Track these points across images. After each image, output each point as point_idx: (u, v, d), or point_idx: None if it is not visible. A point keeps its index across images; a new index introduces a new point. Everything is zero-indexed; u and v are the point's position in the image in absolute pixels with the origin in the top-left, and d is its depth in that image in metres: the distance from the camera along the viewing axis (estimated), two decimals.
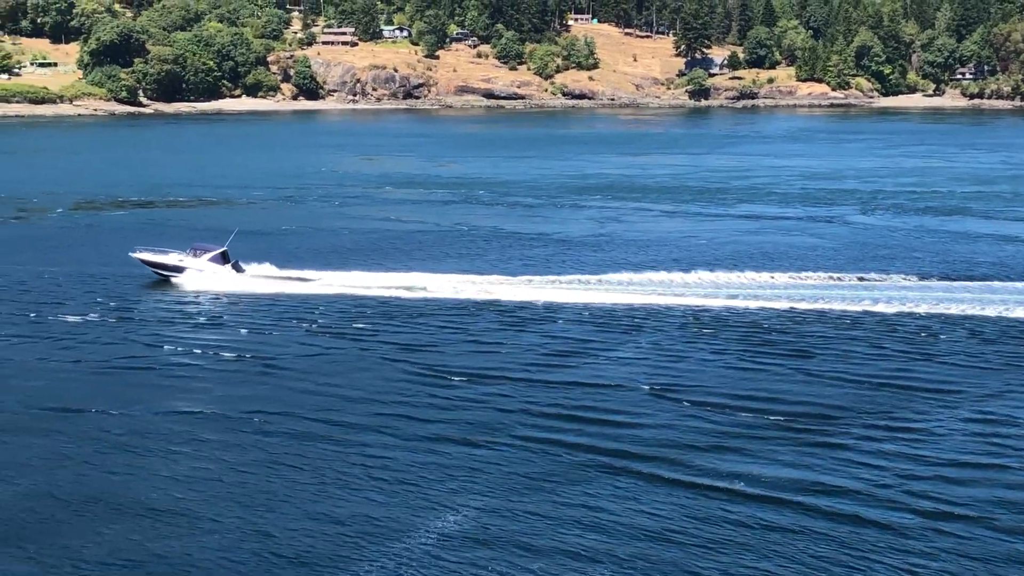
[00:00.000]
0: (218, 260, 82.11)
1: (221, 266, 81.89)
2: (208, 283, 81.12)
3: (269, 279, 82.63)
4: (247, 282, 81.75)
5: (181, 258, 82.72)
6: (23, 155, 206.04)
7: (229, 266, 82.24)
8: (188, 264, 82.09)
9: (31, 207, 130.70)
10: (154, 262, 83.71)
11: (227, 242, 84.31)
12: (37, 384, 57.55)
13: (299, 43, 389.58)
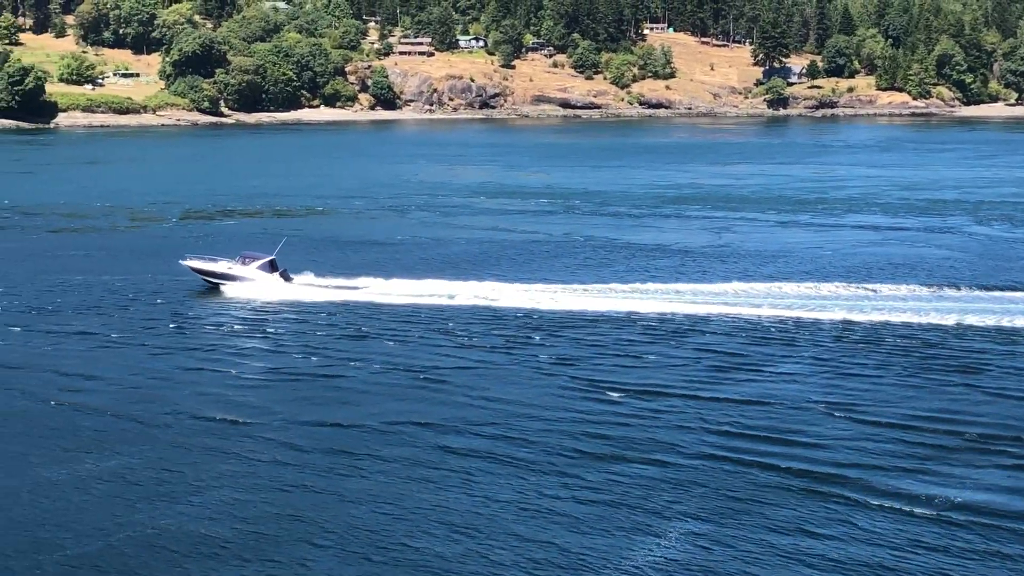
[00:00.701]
0: (266, 268, 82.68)
1: (269, 274, 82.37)
2: (257, 291, 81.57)
3: (315, 287, 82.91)
4: (295, 290, 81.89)
5: (230, 266, 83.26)
6: (122, 164, 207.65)
7: (277, 274, 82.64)
8: (237, 272, 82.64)
9: (140, 215, 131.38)
10: (203, 270, 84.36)
11: (276, 251, 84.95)
12: (190, 394, 57.10)
13: (376, 53, 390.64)
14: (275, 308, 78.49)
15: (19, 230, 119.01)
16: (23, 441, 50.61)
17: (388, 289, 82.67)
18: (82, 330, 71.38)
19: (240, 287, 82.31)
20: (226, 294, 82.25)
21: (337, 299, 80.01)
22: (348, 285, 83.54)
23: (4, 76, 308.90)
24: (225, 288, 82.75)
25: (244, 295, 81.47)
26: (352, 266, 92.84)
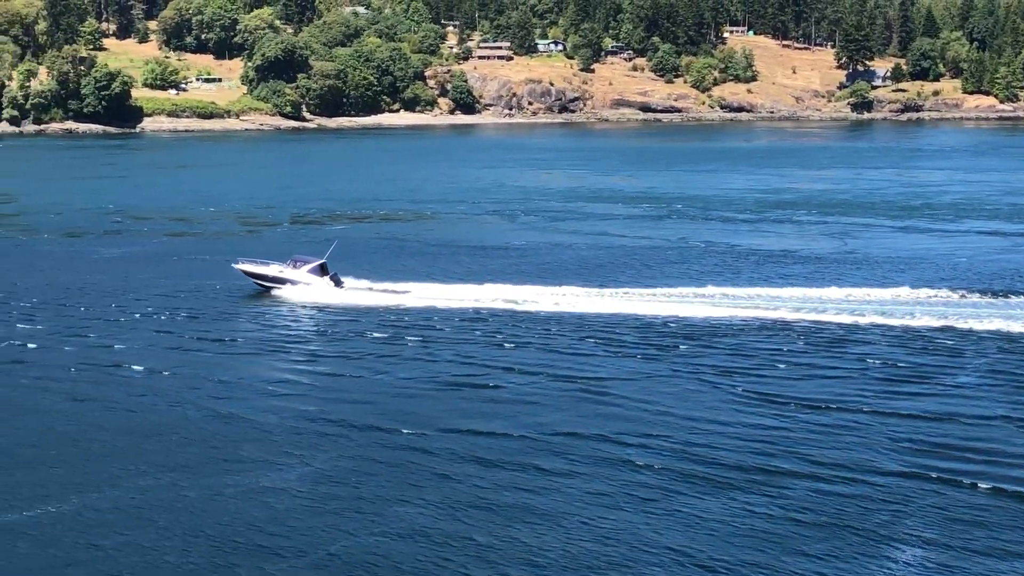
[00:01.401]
0: (317, 272, 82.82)
1: (319, 278, 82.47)
2: (307, 295, 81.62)
3: (364, 291, 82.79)
4: (346, 294, 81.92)
5: (281, 269, 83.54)
6: (212, 169, 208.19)
7: (328, 278, 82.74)
8: (288, 275, 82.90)
9: (247, 219, 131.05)
10: (255, 273, 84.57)
11: (327, 254, 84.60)
12: (341, 402, 55.79)
13: (455, 58, 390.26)
14: (374, 313, 77.46)
15: (134, 234, 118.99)
16: (199, 449, 49.60)
17: (482, 294, 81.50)
18: (203, 335, 70.66)
19: (290, 290, 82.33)
20: (277, 297, 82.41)
21: (411, 304, 79.16)
22: (400, 289, 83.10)
23: (91, 81, 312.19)
24: (276, 292, 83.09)
25: (294, 298, 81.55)
26: (440, 272, 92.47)
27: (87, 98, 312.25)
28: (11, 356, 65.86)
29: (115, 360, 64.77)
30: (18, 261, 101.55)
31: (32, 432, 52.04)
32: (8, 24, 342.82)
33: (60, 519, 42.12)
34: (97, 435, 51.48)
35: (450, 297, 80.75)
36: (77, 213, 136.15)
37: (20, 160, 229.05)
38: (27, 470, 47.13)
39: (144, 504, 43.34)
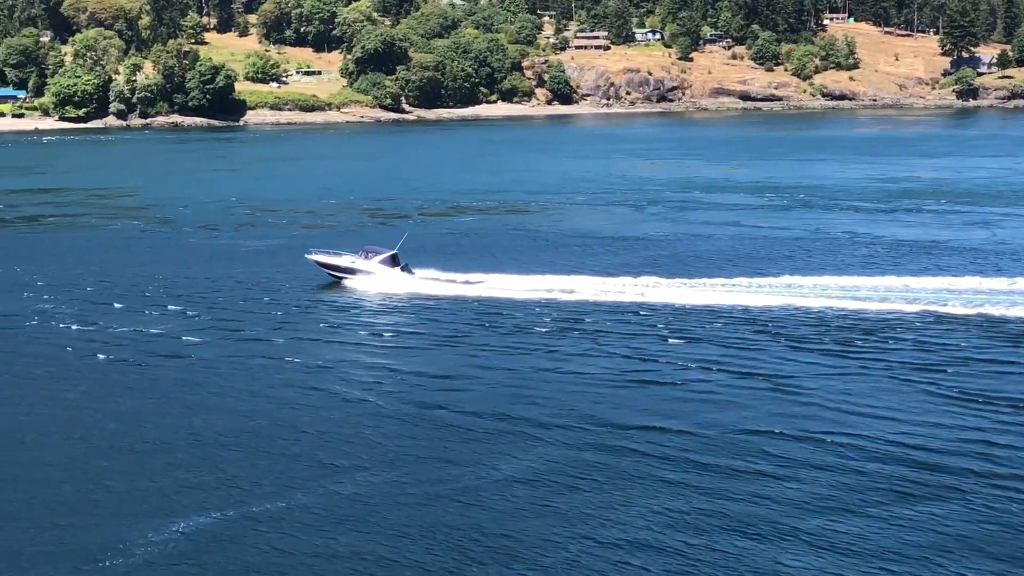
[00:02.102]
0: (388, 263, 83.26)
1: (391, 268, 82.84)
2: (379, 285, 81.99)
3: (436, 281, 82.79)
4: (417, 284, 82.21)
5: (353, 260, 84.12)
6: (322, 161, 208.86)
7: (399, 268, 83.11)
8: (359, 266, 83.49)
9: (341, 210, 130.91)
10: (327, 263, 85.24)
11: (398, 245, 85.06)
12: (529, 394, 54.77)
13: (552, 48, 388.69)
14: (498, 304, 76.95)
15: (269, 227, 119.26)
16: (399, 446, 48.97)
17: (622, 286, 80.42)
18: (351, 328, 70.15)
19: (362, 281, 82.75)
20: (348, 287, 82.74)
21: (537, 296, 78.45)
22: (524, 284, 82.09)
23: (196, 75, 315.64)
24: (347, 282, 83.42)
25: (366, 288, 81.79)
26: (553, 263, 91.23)
27: (192, 92, 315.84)
28: (187, 352, 65.96)
29: (295, 356, 64.46)
30: (181, 253, 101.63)
31: (233, 429, 51.69)
32: (112, 19, 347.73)
33: (290, 515, 41.75)
34: (293, 433, 50.97)
35: (581, 288, 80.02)
36: (204, 206, 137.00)
37: (133, 154, 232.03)
38: (237, 467, 46.81)
39: (369, 503, 42.73)
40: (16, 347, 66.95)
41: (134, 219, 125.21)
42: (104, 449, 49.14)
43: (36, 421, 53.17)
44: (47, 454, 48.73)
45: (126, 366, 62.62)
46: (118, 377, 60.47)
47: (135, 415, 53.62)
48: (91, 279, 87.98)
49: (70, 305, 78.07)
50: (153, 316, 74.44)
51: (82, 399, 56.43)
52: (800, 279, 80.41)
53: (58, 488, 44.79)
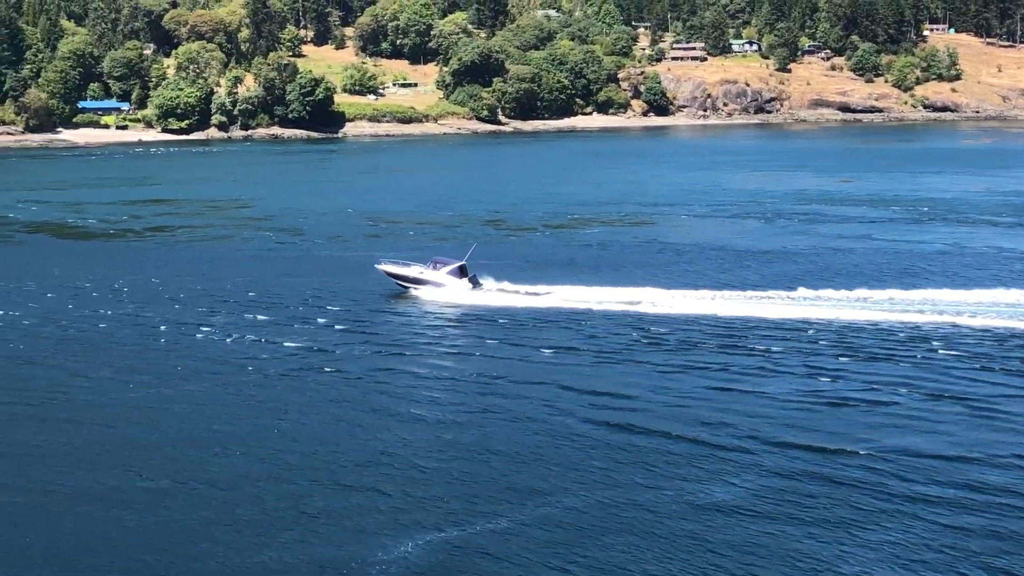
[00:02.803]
0: (456, 274, 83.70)
1: (459, 279, 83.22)
2: (446, 295, 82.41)
3: (505, 293, 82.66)
4: (485, 296, 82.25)
5: (421, 271, 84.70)
6: (428, 172, 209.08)
7: (467, 280, 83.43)
8: (427, 277, 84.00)
9: (460, 222, 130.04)
10: (396, 273, 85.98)
11: (466, 256, 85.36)
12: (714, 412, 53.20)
13: (648, 59, 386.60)
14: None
15: (395, 237, 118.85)
16: (607, 461, 47.78)
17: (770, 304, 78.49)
18: (549, 344, 68.93)
19: (430, 291, 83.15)
20: (418, 298, 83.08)
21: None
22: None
23: (296, 87, 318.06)
24: (415, 292, 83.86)
25: (434, 299, 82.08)
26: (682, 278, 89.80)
27: (292, 104, 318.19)
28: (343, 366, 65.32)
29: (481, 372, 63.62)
30: (325, 265, 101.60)
31: (424, 446, 50.85)
32: (212, 32, 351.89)
33: (512, 536, 40.80)
34: (489, 453, 49.92)
35: (733, 303, 78.57)
36: (323, 217, 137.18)
37: (239, 165, 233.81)
38: (441, 486, 45.91)
39: (586, 527, 41.58)
40: (184, 359, 66.76)
41: (262, 230, 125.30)
42: (304, 466, 48.52)
43: (227, 433, 52.74)
44: (246, 466, 48.25)
45: (298, 379, 62.10)
46: (287, 389, 59.95)
47: (324, 431, 52.97)
48: (247, 289, 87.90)
49: (230, 316, 78.03)
50: (310, 328, 74.03)
51: (259, 412, 56.01)
52: (962, 294, 77.97)
53: (282, 500, 44.21)
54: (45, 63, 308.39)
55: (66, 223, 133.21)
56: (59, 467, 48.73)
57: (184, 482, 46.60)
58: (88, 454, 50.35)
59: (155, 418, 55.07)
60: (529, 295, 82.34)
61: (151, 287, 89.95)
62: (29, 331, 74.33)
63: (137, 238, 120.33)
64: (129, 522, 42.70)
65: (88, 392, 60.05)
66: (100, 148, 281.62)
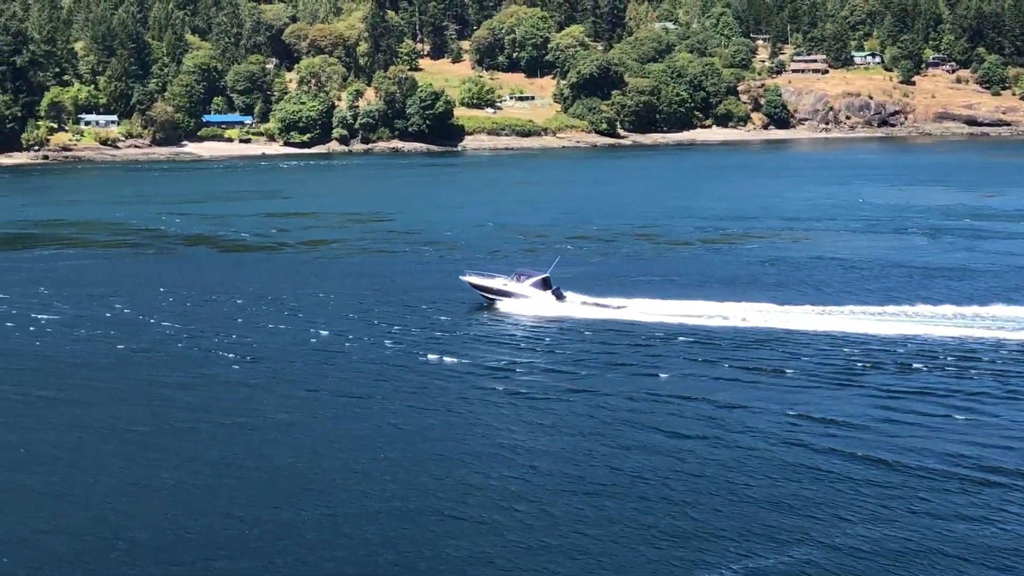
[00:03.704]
0: (539, 286, 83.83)
1: (542, 292, 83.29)
2: (530, 308, 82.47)
3: (588, 306, 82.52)
4: (568, 308, 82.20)
5: (505, 283, 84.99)
6: (560, 186, 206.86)
7: (550, 292, 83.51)
8: (511, 289, 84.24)
9: (639, 234, 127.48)
10: (480, 285, 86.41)
11: (550, 268, 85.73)
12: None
13: (768, 72, 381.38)
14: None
15: (556, 251, 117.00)
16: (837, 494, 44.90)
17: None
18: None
19: (514, 303, 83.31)
20: (501, 310, 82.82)
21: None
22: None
23: (416, 101, 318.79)
24: (499, 304, 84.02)
25: (520, 311, 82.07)
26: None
27: (412, 117, 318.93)
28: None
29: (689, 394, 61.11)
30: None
31: (663, 471, 48.49)
32: (331, 46, 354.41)
33: None
34: (738, 483, 47.43)
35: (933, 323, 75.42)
36: (469, 231, 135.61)
37: (367, 178, 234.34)
38: (704, 514, 43.51)
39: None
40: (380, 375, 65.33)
41: (415, 244, 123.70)
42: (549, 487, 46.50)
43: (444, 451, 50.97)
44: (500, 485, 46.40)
45: (513, 397, 60.21)
46: (489, 405, 58.06)
47: (566, 448, 50.96)
48: (432, 304, 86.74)
49: (416, 330, 76.56)
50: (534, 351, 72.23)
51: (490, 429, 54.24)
52: None
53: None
54: (171, 77, 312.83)
55: (219, 236, 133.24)
56: (292, 496, 47.19)
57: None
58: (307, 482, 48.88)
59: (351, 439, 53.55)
60: (618, 308, 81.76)
61: (318, 300, 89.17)
62: (223, 344, 73.52)
63: (295, 251, 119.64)
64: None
65: (285, 410, 58.67)
66: (224, 161, 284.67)
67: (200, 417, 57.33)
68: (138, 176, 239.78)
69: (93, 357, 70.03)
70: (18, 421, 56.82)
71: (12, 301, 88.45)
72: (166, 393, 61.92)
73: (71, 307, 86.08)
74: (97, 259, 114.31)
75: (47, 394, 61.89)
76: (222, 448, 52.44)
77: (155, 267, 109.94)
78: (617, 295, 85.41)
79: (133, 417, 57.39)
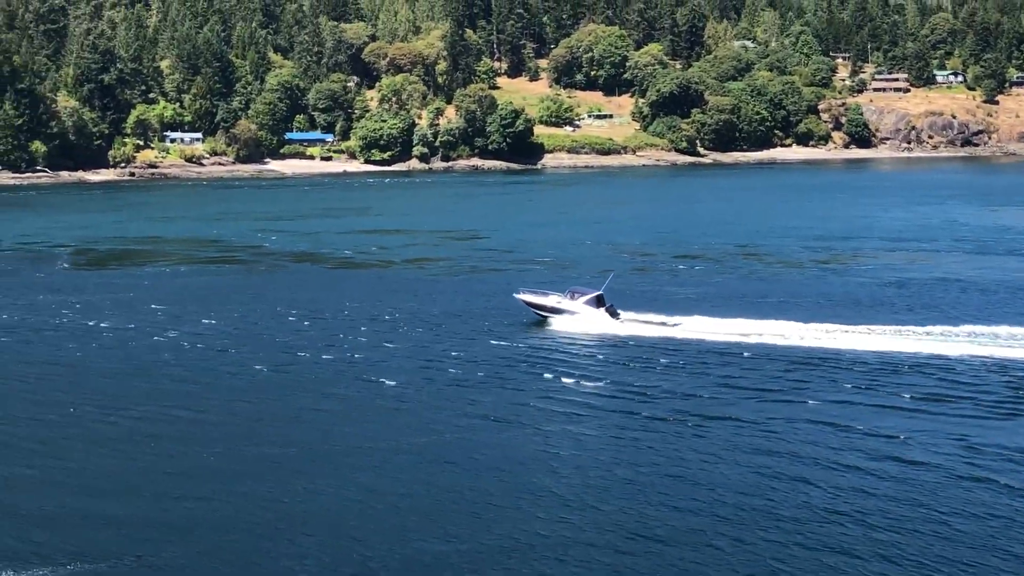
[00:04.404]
0: (593, 304, 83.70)
1: (595, 309, 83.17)
2: (583, 325, 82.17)
3: (643, 323, 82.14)
4: (623, 326, 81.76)
5: (559, 300, 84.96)
6: (648, 203, 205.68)
7: (603, 310, 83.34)
8: (565, 306, 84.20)
9: (740, 254, 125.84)
10: (534, 303, 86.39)
11: (603, 286, 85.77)
12: None
13: (848, 90, 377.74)
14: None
15: (664, 271, 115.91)
16: None
17: None
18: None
19: (567, 321, 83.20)
20: (554, 327, 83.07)
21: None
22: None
23: (497, 119, 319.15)
24: (552, 321, 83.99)
25: (572, 329, 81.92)
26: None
27: (492, 135, 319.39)
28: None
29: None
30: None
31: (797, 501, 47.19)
32: (411, 64, 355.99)
33: None
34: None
35: None
36: (569, 249, 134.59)
37: (451, 195, 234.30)
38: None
39: None
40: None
41: (517, 263, 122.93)
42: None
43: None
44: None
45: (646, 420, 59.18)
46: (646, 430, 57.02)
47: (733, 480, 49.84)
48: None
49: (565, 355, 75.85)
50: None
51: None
52: None
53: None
54: (254, 95, 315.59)
55: (323, 253, 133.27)
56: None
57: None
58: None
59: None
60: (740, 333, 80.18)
61: (434, 317, 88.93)
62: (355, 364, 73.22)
63: (402, 269, 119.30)
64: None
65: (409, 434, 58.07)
66: (306, 179, 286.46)
67: (357, 444, 56.66)
68: (226, 193, 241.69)
69: (232, 379, 69.39)
70: (172, 447, 56.37)
71: (143, 318, 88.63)
72: (313, 417, 61.27)
73: (202, 323, 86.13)
74: (213, 275, 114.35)
75: (185, 415, 61.29)
76: (411, 472, 51.82)
77: (272, 283, 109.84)
78: (745, 317, 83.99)
79: (283, 440, 56.87)
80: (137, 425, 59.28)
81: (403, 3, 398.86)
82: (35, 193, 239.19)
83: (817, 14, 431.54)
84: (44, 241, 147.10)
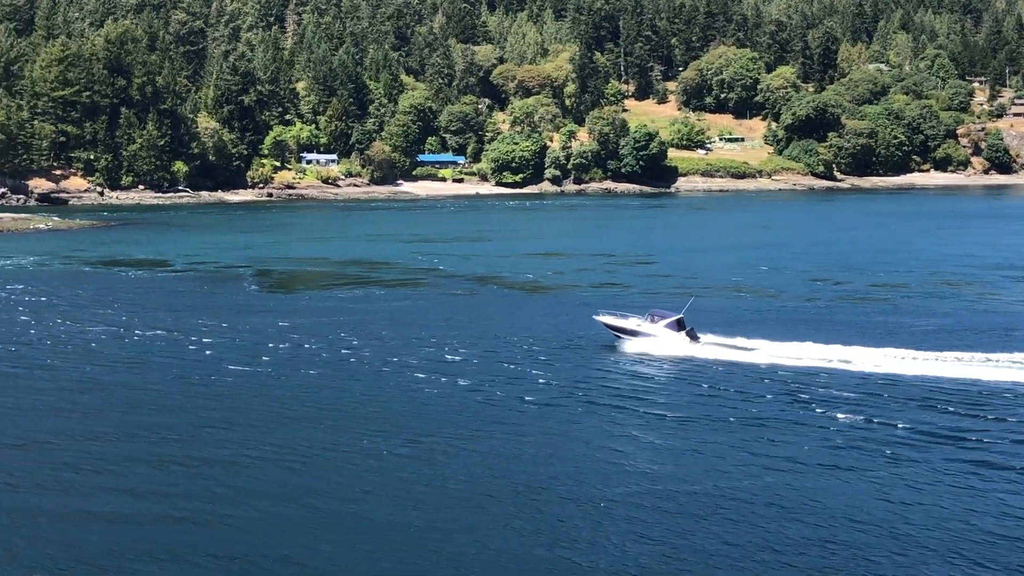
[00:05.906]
0: (673, 327, 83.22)
1: (676, 332, 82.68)
2: (662, 348, 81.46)
3: (722, 347, 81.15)
4: (703, 349, 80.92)
5: (639, 323, 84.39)
6: (800, 231, 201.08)
7: (684, 333, 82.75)
8: (645, 329, 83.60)
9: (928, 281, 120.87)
10: (614, 325, 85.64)
11: (684, 309, 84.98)
12: None
13: (987, 115, 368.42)
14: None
15: (875, 300, 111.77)
16: None
17: None
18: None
19: (646, 343, 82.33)
20: (631, 350, 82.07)
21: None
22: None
23: (630, 142, 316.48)
24: (630, 343, 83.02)
25: (651, 351, 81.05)
26: None
27: (625, 158, 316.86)
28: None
29: None
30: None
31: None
32: (539, 87, 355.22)
33: None
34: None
35: None
36: (752, 274, 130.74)
37: (596, 219, 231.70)
38: None
39: None
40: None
41: (709, 288, 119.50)
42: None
43: None
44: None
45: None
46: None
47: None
48: None
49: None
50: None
51: None
52: None
53: None
54: (388, 117, 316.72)
55: (502, 276, 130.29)
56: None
57: None
58: None
59: None
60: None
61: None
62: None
63: (588, 294, 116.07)
64: None
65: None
66: (440, 200, 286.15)
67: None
68: (367, 215, 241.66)
69: (446, 412, 66.18)
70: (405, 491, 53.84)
71: (394, 345, 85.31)
72: (521, 452, 58.24)
73: (460, 350, 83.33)
74: (418, 299, 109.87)
75: (406, 451, 58.00)
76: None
77: (485, 307, 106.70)
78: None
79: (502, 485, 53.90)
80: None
81: (531, 25, 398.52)
82: (183, 213, 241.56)
83: (950, 37, 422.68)
84: (214, 262, 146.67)
